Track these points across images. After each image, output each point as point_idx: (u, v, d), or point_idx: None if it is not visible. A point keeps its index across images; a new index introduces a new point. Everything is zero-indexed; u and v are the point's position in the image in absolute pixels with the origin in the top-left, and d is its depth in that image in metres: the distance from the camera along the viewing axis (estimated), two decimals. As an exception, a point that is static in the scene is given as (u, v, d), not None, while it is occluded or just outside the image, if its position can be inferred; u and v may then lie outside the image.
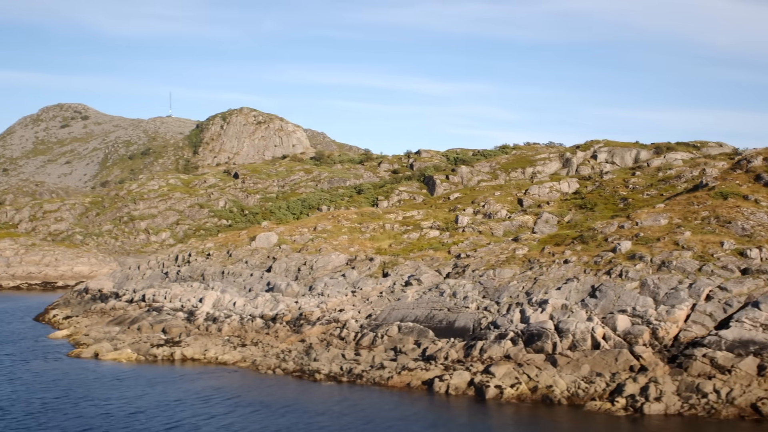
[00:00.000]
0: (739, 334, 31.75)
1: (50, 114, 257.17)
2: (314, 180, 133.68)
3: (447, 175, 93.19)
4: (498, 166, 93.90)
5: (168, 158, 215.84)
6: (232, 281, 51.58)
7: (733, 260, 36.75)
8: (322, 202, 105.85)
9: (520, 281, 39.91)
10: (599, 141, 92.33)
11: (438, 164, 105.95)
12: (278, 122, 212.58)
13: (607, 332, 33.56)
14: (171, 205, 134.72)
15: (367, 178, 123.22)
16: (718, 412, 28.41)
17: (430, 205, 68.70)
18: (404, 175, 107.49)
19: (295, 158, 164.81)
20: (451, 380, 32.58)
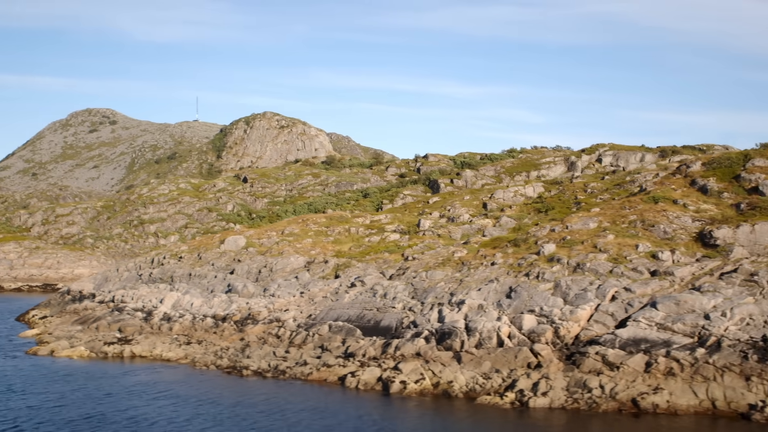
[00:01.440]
0: (634, 333, 33.24)
1: (79, 119, 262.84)
2: (322, 184, 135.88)
3: (452, 179, 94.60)
4: (503, 169, 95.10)
5: (192, 162, 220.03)
6: (197, 283, 54.00)
7: (645, 262, 38.15)
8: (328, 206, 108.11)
9: (447, 282, 41.67)
10: (605, 144, 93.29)
11: (444, 168, 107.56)
12: (301, 126, 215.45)
13: (513, 331, 35.20)
14: (180, 209, 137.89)
15: (374, 182, 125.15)
16: (599, 406, 29.99)
17: (405, 209, 70.51)
18: (411, 179, 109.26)
19: (307, 162, 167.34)
20: (362, 376, 34.48)
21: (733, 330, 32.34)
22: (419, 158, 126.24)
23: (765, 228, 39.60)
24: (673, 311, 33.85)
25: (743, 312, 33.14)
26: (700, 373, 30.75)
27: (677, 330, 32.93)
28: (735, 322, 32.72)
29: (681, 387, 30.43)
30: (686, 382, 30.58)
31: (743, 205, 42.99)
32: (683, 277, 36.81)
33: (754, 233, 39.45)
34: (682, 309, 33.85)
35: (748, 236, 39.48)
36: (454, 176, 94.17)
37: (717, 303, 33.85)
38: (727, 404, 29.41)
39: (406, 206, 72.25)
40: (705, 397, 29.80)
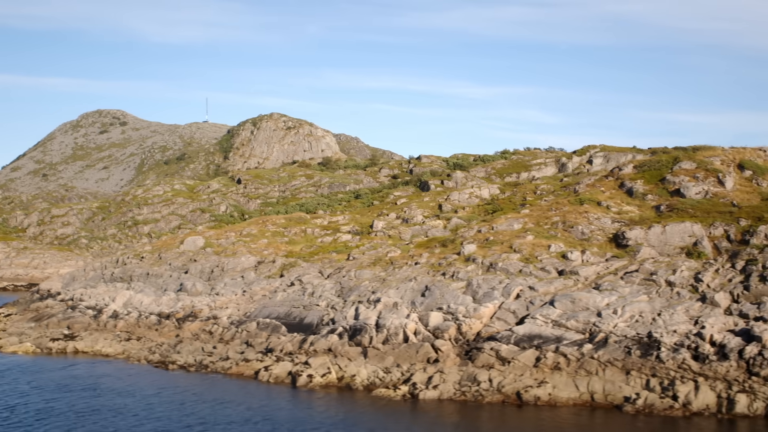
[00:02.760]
0: (530, 330, 34.76)
1: (89, 120, 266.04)
2: (315, 185, 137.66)
3: (442, 180, 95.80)
4: (493, 171, 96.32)
5: (199, 163, 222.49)
6: (153, 282, 55.95)
7: (555, 262, 39.62)
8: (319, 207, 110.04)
9: (372, 281, 43.31)
10: (596, 146, 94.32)
11: (435, 169, 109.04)
12: (307, 127, 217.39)
13: (419, 328, 36.80)
14: (174, 210, 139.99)
15: (366, 183, 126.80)
16: (484, 398, 31.59)
17: (369, 210, 72.15)
18: (403, 180, 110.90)
19: (303, 164, 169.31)
20: (274, 370, 36.23)
21: (622, 327, 33.79)
22: (412, 159, 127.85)
23: (676, 229, 40.96)
24: (569, 309, 35.33)
25: (634, 309, 34.58)
26: (584, 368, 32.25)
27: (570, 327, 34.41)
28: (625, 319, 34.17)
29: (565, 381, 31.94)
30: (570, 376, 32.09)
31: (663, 207, 44.33)
32: (587, 277, 38.25)
33: (665, 234, 40.81)
34: (577, 307, 35.33)
35: (659, 237, 40.85)
36: (444, 177, 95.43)
37: (611, 301, 35.30)
38: (604, 397, 30.92)
39: (370, 208, 73.87)
40: (585, 390, 31.31)
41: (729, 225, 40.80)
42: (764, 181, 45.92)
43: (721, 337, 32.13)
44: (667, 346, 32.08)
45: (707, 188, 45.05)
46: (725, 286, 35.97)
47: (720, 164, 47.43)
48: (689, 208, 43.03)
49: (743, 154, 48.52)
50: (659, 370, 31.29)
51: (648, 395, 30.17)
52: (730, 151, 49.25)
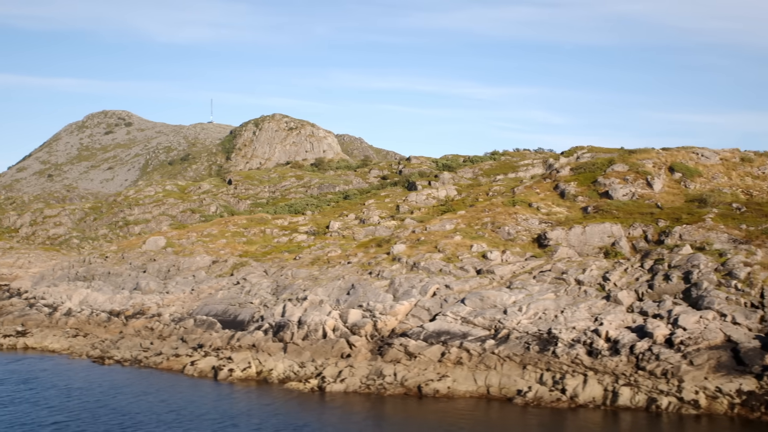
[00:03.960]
0: (440, 326, 36.28)
1: (95, 121, 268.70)
2: (305, 186, 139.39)
3: (429, 181, 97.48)
4: (481, 171, 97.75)
5: (202, 164, 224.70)
6: (113, 281, 57.79)
7: (475, 261, 41.12)
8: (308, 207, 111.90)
9: (305, 280, 44.94)
10: (583, 147, 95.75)
11: (424, 170, 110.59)
12: (309, 128, 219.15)
13: (338, 324, 38.38)
14: (164, 210, 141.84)
15: (356, 184, 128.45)
16: (386, 391, 33.12)
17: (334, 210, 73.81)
18: (391, 180, 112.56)
19: (296, 164, 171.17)
20: (199, 364, 37.92)
21: (525, 323, 35.27)
22: (402, 160, 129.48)
23: (595, 230, 42.36)
24: (478, 306, 36.83)
25: (539, 307, 36.04)
26: (484, 363, 33.75)
27: (477, 323, 35.91)
28: (528, 317, 35.63)
29: (465, 375, 33.43)
30: (471, 371, 33.59)
31: (590, 209, 45.71)
32: (503, 276, 39.73)
33: (585, 234, 42.23)
34: (486, 304, 36.82)
35: (579, 237, 42.27)
36: (432, 178, 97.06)
37: (518, 299, 36.77)
38: (499, 390, 32.40)
39: (335, 208, 75.45)
40: (483, 384, 32.81)
41: (648, 226, 42.17)
42: (692, 183, 47.23)
43: (616, 334, 33.54)
44: (564, 342, 33.52)
45: (634, 190, 46.39)
46: (632, 285, 37.38)
47: (651, 167, 48.75)
48: (614, 210, 44.41)
49: (676, 157, 49.81)
50: (553, 365, 32.73)
51: (539, 388, 31.61)
52: (664, 153, 50.54)
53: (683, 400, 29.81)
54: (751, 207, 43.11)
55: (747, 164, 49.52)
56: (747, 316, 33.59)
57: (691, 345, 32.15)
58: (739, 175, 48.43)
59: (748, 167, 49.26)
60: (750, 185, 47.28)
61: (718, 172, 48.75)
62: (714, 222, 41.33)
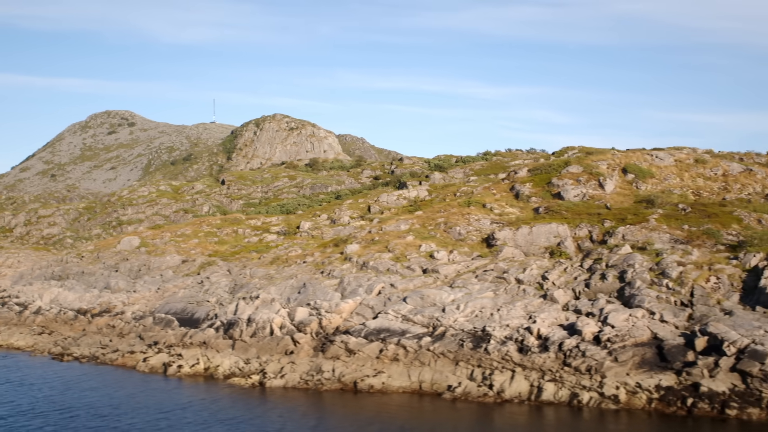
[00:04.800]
0: (381, 324, 37.38)
1: (98, 121, 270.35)
2: (297, 186, 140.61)
3: (420, 181, 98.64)
4: (471, 172, 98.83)
5: (203, 164, 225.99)
6: (86, 279, 59.11)
7: (422, 261, 42.18)
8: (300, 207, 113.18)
9: (262, 279, 46.11)
10: (574, 147, 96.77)
11: (415, 171, 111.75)
12: (310, 128, 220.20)
13: (285, 322, 39.52)
14: (157, 210, 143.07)
15: (348, 184, 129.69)
16: (323, 386, 34.24)
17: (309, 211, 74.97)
18: (383, 181, 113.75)
19: (291, 165, 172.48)
20: (151, 361, 39.13)
21: (461, 321, 36.33)
22: (395, 161, 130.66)
23: (542, 230, 43.37)
24: (419, 304, 37.91)
25: (476, 305, 37.10)
26: (419, 359, 34.83)
27: (417, 321, 36.99)
28: (465, 315, 36.69)
29: (400, 371, 34.51)
30: (406, 367, 34.67)
31: (541, 209, 46.72)
32: (447, 275, 40.79)
33: (532, 234, 43.25)
34: (426, 303, 37.90)
35: (526, 237, 43.29)
36: (423, 178, 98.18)
37: (457, 297, 37.84)
38: (431, 385, 33.47)
39: (312, 209, 76.59)
40: (416, 380, 33.87)
41: (593, 226, 43.15)
42: (644, 184, 48.17)
43: (547, 331, 34.58)
44: (496, 339, 34.57)
45: (586, 191, 47.36)
46: (570, 284, 38.40)
47: (606, 168, 49.71)
48: (563, 210, 45.40)
49: (631, 158, 50.74)
50: (485, 362, 33.78)
51: (468, 384, 32.68)
52: (619, 155, 51.48)
53: (604, 395, 30.80)
54: (696, 208, 44.04)
55: (700, 166, 50.42)
56: (675, 314, 34.57)
57: (617, 342, 33.14)
58: (692, 176, 49.34)
59: (701, 168, 50.15)
60: (701, 186, 48.19)
61: (671, 174, 49.66)
62: (657, 222, 42.28)
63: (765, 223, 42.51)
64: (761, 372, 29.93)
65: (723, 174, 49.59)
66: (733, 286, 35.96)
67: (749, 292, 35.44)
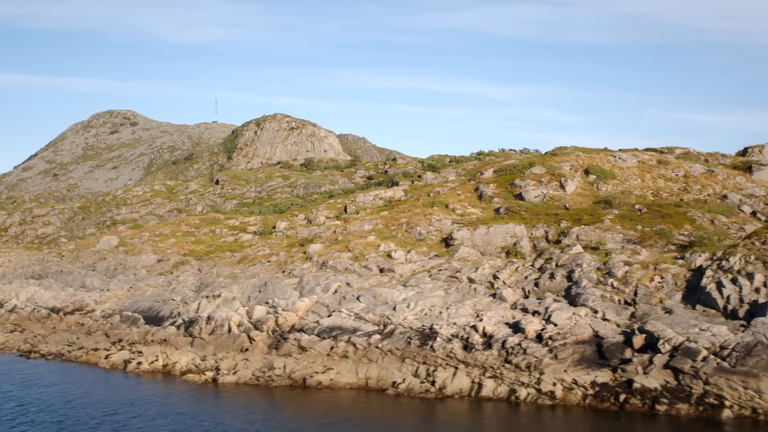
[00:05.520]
0: (334, 322, 38.30)
1: (100, 120, 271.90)
2: (291, 186, 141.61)
3: (413, 180, 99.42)
4: (464, 172, 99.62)
5: (203, 163, 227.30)
6: (63, 278, 60.19)
7: (380, 260, 43.09)
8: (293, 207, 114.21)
9: (226, 278, 47.08)
10: (567, 147, 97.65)
11: (408, 171, 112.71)
12: (310, 128, 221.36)
13: (243, 320, 40.48)
14: (151, 210, 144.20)
15: (341, 184, 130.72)
16: (274, 382, 35.20)
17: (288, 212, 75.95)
18: (376, 181, 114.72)
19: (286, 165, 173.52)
20: (112, 358, 40.15)
21: (411, 319, 37.22)
22: (388, 161, 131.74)
23: (499, 230, 44.24)
24: (371, 303, 38.83)
25: (426, 303, 37.99)
26: (367, 356, 35.74)
27: (368, 319, 37.90)
28: (415, 313, 37.59)
29: (348, 367, 35.44)
30: (355, 363, 35.58)
31: (502, 210, 47.57)
32: (403, 274, 41.69)
33: (489, 234, 44.12)
34: (378, 301, 38.81)
35: (483, 237, 44.16)
36: (415, 178, 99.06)
37: (408, 296, 38.74)
38: (377, 382, 34.39)
39: (290, 210, 77.56)
40: (363, 376, 34.78)
41: (550, 226, 43.99)
42: (605, 185, 48.97)
43: (492, 329, 35.45)
44: (442, 337, 35.45)
45: (546, 191, 48.20)
46: (520, 283, 39.27)
47: (569, 169, 50.53)
48: (523, 211, 46.25)
49: (593, 159, 51.54)
50: (430, 359, 34.67)
51: (412, 380, 33.58)
52: (583, 156, 52.28)
53: (541, 391, 31.67)
54: (652, 208, 44.83)
55: (663, 167, 51.19)
56: (618, 313, 35.41)
57: (558, 340, 33.99)
58: (653, 177, 50.12)
59: (663, 170, 50.93)
60: (661, 187, 48.97)
61: (632, 175, 50.46)
62: (612, 223, 43.10)
63: (718, 223, 43.30)
64: (692, 369, 30.73)
65: (684, 175, 50.36)
66: (677, 286, 36.76)
67: (692, 291, 36.26)
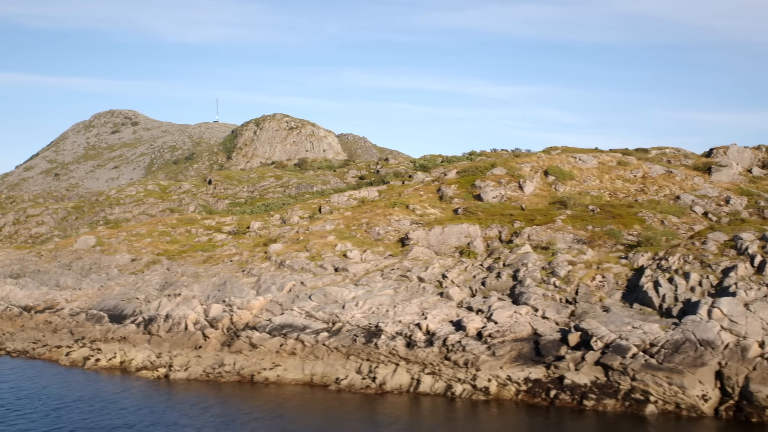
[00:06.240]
0: (285, 320, 39.35)
1: (102, 120, 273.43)
2: (283, 186, 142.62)
3: (403, 180, 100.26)
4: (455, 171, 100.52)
5: (203, 163, 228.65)
6: (40, 277, 61.36)
7: (335, 260, 44.12)
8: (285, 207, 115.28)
9: (190, 276, 48.16)
10: (557, 147, 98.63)
11: (399, 170, 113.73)
12: (310, 128, 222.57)
13: (200, 318, 41.56)
14: (144, 210, 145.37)
15: (333, 184, 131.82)
16: (223, 378, 36.31)
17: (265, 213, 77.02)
18: (368, 180, 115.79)
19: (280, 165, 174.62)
20: (72, 355, 41.28)
21: (358, 317, 38.25)
22: (380, 161, 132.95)
23: (453, 230, 45.22)
24: (322, 301, 39.87)
25: (374, 302, 39.01)
26: (314, 353, 36.79)
27: (318, 317, 38.94)
28: (363, 311, 38.61)
29: (295, 364, 36.50)
30: (302, 360, 36.64)
31: (460, 210, 48.55)
32: (356, 273, 42.71)
33: (443, 234, 45.11)
34: (328, 300, 39.85)
35: (438, 237, 45.15)
36: (406, 178, 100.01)
37: (357, 294, 39.76)
38: (321, 378, 35.45)
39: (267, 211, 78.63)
40: (309, 373, 35.85)
41: (503, 227, 44.95)
42: (563, 186, 49.90)
43: (435, 327, 36.44)
44: (387, 335, 36.47)
45: (504, 192, 49.17)
46: (468, 282, 40.25)
47: (529, 170, 51.48)
48: (480, 211, 47.22)
49: (554, 161, 52.47)
50: (373, 356, 35.70)
51: (354, 377, 34.62)
52: (545, 157, 53.21)
53: (476, 387, 32.71)
54: (605, 209, 45.77)
55: (622, 168, 52.08)
56: (558, 311, 36.37)
57: (497, 337, 34.97)
58: (611, 178, 51.02)
59: (622, 171, 51.83)
60: (618, 188, 49.88)
61: (591, 175, 51.37)
62: (563, 223, 44.04)
63: (668, 224, 44.21)
64: (621, 365, 31.70)
65: (642, 176, 51.24)
66: (618, 285, 37.70)
67: (632, 290, 37.20)
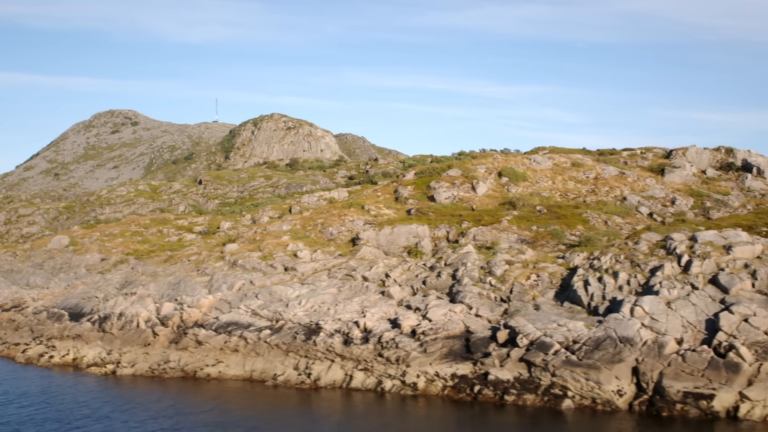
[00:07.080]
0: (232, 318, 40.57)
1: (102, 120, 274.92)
2: (273, 186, 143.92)
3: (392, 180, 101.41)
4: None
5: (201, 163, 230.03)
6: (12, 276, 62.73)
7: (286, 260, 45.34)
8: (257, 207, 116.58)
9: (148, 276, 49.43)
10: (545, 147, 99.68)
11: (388, 171, 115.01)
12: (307, 128, 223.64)
13: (151, 316, 42.80)
14: (134, 210, 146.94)
15: (323, 184, 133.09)
16: (167, 374, 37.56)
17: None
18: (357, 181, 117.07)
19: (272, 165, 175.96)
20: (28, 352, 42.57)
21: (300, 315, 39.45)
22: (370, 161, 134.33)
23: (402, 230, 46.40)
24: (268, 300, 41.09)
25: (317, 300, 40.20)
26: (255, 350, 38.01)
27: (263, 315, 40.15)
28: (305, 309, 39.81)
29: (237, 360, 37.71)
30: (243, 357, 37.85)
31: (413, 211, 49.71)
32: (304, 272, 43.92)
33: (393, 235, 46.29)
34: (273, 298, 41.06)
35: (387, 237, 46.33)
36: (395, 178, 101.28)
37: (301, 293, 40.96)
38: (261, 374, 36.66)
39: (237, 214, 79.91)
40: (249, 369, 37.06)
41: (452, 227, 46.10)
42: (515, 187, 51.02)
43: (373, 325, 37.61)
44: (325, 332, 37.66)
45: (457, 193, 50.31)
46: (410, 281, 41.42)
47: (483, 172, 52.60)
48: (431, 212, 48.37)
49: (509, 162, 53.58)
50: (311, 352, 36.89)
51: (291, 373, 35.83)
52: (500, 158, 54.32)
53: (405, 382, 33.87)
54: (552, 209, 46.87)
55: (575, 169, 53.15)
56: (492, 309, 37.51)
57: (430, 335, 36.12)
58: (564, 179, 52.10)
59: (575, 172, 52.89)
60: (570, 189, 50.96)
61: (544, 177, 52.47)
62: (509, 223, 45.17)
63: (611, 224, 45.31)
64: (543, 362, 32.85)
65: (595, 177, 52.31)
66: (552, 284, 38.82)
67: (565, 289, 38.30)
